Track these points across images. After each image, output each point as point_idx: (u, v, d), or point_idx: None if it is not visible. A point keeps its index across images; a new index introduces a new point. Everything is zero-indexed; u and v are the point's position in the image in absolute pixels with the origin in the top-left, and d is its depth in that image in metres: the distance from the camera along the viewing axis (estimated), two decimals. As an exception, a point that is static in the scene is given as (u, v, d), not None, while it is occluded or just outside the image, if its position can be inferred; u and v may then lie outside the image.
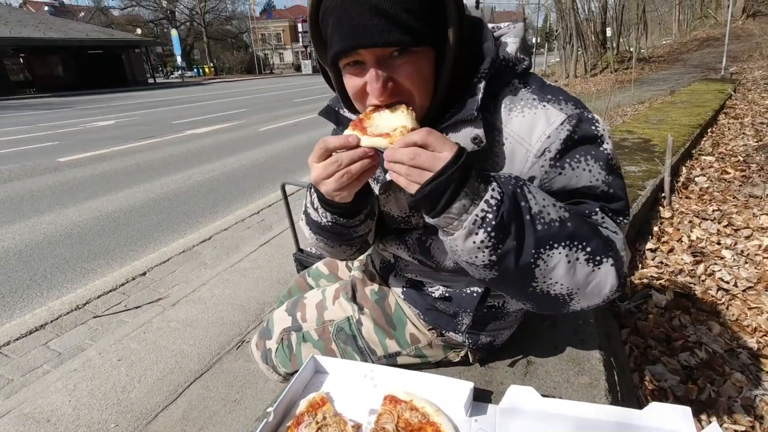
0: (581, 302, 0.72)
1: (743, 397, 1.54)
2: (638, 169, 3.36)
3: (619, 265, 0.70)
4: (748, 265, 2.34)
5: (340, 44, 0.65)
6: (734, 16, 16.69)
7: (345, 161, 0.69)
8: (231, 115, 11.57)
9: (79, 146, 7.71)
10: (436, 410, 0.82)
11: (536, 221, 0.65)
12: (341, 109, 0.87)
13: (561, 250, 0.66)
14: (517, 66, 0.77)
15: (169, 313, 2.35)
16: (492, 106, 0.75)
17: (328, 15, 0.65)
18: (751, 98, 7.06)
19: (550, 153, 0.71)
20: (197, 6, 46.12)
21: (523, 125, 0.72)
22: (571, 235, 0.66)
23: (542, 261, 0.66)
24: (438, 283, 0.96)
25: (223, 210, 4.28)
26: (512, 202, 0.64)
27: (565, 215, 0.67)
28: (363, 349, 1.05)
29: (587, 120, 0.73)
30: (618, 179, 0.74)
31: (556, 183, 0.73)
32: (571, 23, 15.35)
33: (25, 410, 1.71)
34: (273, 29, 56.98)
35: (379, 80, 0.67)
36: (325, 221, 0.83)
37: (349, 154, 0.69)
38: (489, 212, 0.63)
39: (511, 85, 0.76)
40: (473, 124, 0.71)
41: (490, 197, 0.63)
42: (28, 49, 24.33)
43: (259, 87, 24.03)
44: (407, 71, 0.68)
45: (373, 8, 0.62)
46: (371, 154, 0.70)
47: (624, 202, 0.75)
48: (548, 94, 0.74)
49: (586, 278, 0.68)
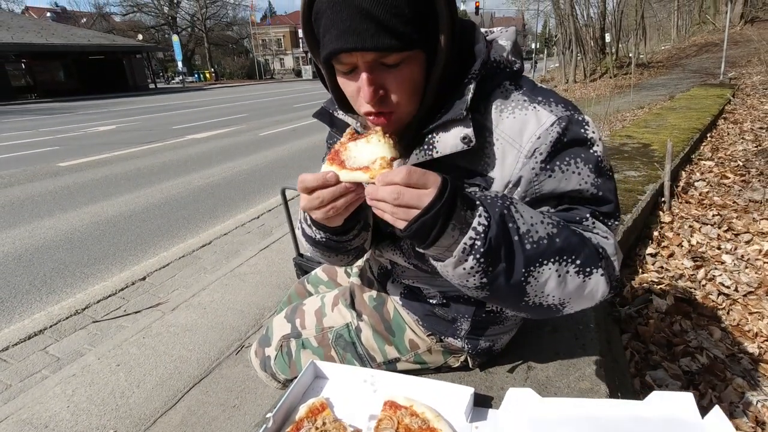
0: (574, 308, 0.73)
1: (745, 402, 1.53)
2: (638, 173, 3.37)
3: (609, 271, 0.71)
4: (748, 269, 2.33)
5: (330, 46, 0.65)
6: (732, 22, 16.77)
7: (327, 198, 0.69)
8: (231, 120, 11.61)
9: (80, 151, 7.73)
10: (437, 416, 0.81)
11: (524, 241, 0.65)
12: (335, 111, 0.88)
13: (551, 266, 0.66)
14: (509, 68, 0.77)
15: (169, 318, 2.34)
16: (483, 107, 0.75)
17: (320, 16, 0.66)
18: (750, 103, 7.08)
19: (540, 155, 0.71)
20: (198, 12, 46.41)
21: (514, 126, 0.73)
22: (560, 250, 0.66)
23: (533, 278, 0.66)
24: (435, 289, 0.96)
25: (223, 215, 4.28)
26: (499, 225, 0.63)
27: (553, 231, 0.67)
28: (362, 355, 1.05)
29: (577, 122, 0.73)
30: (608, 182, 0.74)
31: (546, 186, 0.73)
32: (570, 29, 15.44)
33: (23, 416, 1.70)
34: (273, 35, 57.29)
35: (371, 86, 0.67)
36: (319, 237, 0.85)
37: (331, 191, 0.68)
38: (477, 239, 0.63)
39: (502, 87, 0.76)
40: (462, 123, 0.71)
41: (477, 224, 0.63)
42: (29, 55, 24.46)
43: (259, 92, 24.11)
44: (398, 78, 0.68)
45: (363, 12, 0.62)
46: (353, 190, 0.69)
47: (614, 205, 0.75)
48: (539, 96, 0.75)
49: (577, 289, 0.69)
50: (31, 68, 25.38)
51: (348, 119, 0.86)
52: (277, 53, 57.85)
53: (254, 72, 47.95)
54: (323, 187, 0.69)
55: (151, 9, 45.79)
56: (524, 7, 28.05)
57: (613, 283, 0.72)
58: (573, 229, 0.70)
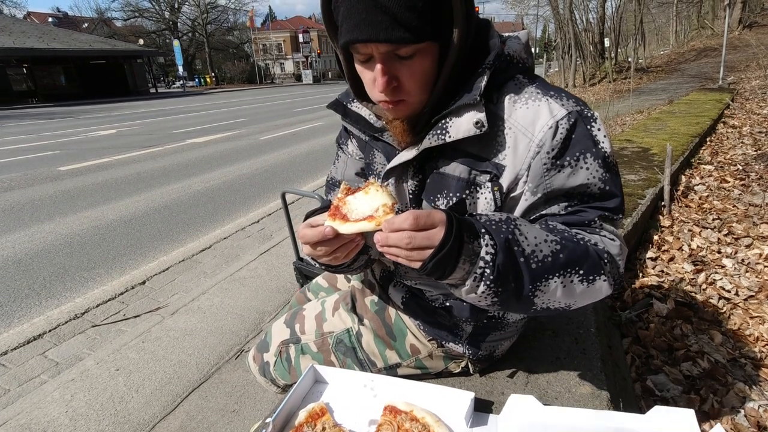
0: (579, 305, 0.76)
1: (747, 407, 1.52)
2: (638, 177, 3.37)
3: (613, 273, 0.73)
4: (749, 273, 2.33)
5: (347, 36, 0.69)
6: (731, 27, 16.84)
7: (328, 251, 0.74)
8: (232, 125, 11.63)
9: (81, 155, 7.74)
10: (437, 421, 0.81)
11: (530, 261, 0.67)
12: (349, 103, 0.91)
13: (556, 279, 0.69)
14: (521, 63, 0.79)
15: (168, 323, 2.33)
16: (495, 98, 0.78)
17: (339, 5, 0.69)
18: (749, 108, 7.10)
19: (552, 150, 0.74)
20: (199, 17, 46.64)
21: (527, 116, 0.75)
22: (565, 264, 0.69)
23: (540, 291, 0.69)
24: (438, 291, 0.96)
25: (223, 219, 4.28)
26: (505, 251, 0.66)
27: (557, 248, 0.69)
28: (363, 360, 1.04)
29: (587, 118, 0.75)
30: (615, 177, 0.77)
31: (556, 181, 0.75)
32: (569, 34, 15.51)
33: (21, 421, 1.69)
34: (274, 39, 57.55)
35: (384, 76, 0.71)
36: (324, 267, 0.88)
37: (330, 243, 0.73)
38: (486, 268, 0.66)
39: (515, 80, 0.79)
40: (476, 108, 0.74)
41: (485, 253, 0.66)
42: (31, 60, 24.56)
43: (259, 97, 24.18)
44: (411, 69, 0.72)
45: (378, 5, 0.65)
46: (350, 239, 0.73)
47: (619, 199, 0.77)
48: (551, 90, 0.77)
49: (582, 293, 0.72)
50: (32, 73, 25.47)
51: (362, 110, 0.89)
52: (278, 58, 58.09)
53: (255, 76, 48.12)
54: (322, 243, 0.72)
55: (152, 14, 46.04)
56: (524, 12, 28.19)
57: (618, 283, 0.74)
58: (577, 241, 0.72)
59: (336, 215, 0.72)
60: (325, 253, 0.74)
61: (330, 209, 0.74)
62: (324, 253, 0.74)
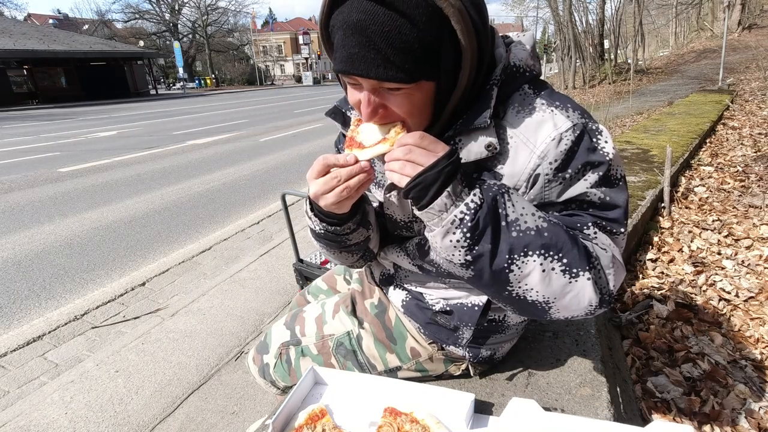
0: (561, 312, 0.73)
1: (747, 409, 1.52)
2: (638, 179, 3.37)
3: (598, 278, 0.71)
4: (749, 275, 2.33)
5: (338, 65, 0.69)
6: (730, 29, 16.88)
7: (344, 176, 0.73)
8: (232, 126, 11.64)
9: (81, 157, 7.75)
10: (437, 422, 0.81)
11: (511, 228, 0.68)
12: (348, 111, 0.92)
13: (536, 258, 0.68)
14: (528, 72, 0.79)
15: (168, 324, 2.33)
16: (501, 111, 0.77)
17: (335, 31, 0.68)
18: (748, 109, 7.11)
19: (555, 162, 0.72)
20: (200, 19, 46.71)
21: (530, 126, 0.74)
22: (547, 245, 0.68)
23: (516, 266, 0.69)
24: (438, 294, 0.96)
25: (223, 220, 4.28)
26: (490, 208, 0.67)
27: (543, 225, 0.69)
28: (363, 363, 1.04)
29: (591, 131, 0.74)
30: (619, 190, 0.75)
31: (556, 191, 0.74)
32: (569, 35, 15.53)
33: (20, 423, 1.69)
34: (274, 41, 57.64)
35: (370, 106, 0.71)
36: (319, 228, 0.86)
37: (348, 169, 0.73)
38: (467, 214, 0.67)
39: (521, 90, 0.78)
40: (486, 132, 0.73)
41: (470, 201, 0.67)
42: (31, 61, 24.56)
43: (260, 98, 24.20)
44: (399, 102, 0.71)
45: (371, 42, 0.64)
46: (367, 169, 0.74)
47: (621, 211, 0.75)
48: (557, 100, 0.76)
49: (562, 289, 0.70)
50: (33, 74, 25.48)
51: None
52: (278, 59, 58.16)
53: (255, 78, 48.20)
54: (343, 166, 0.74)
55: (153, 16, 46.09)
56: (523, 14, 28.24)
57: (605, 296, 0.72)
58: (566, 230, 0.71)
59: (352, 145, 0.76)
60: (338, 182, 0.73)
61: (346, 141, 0.77)
62: (337, 182, 0.73)
